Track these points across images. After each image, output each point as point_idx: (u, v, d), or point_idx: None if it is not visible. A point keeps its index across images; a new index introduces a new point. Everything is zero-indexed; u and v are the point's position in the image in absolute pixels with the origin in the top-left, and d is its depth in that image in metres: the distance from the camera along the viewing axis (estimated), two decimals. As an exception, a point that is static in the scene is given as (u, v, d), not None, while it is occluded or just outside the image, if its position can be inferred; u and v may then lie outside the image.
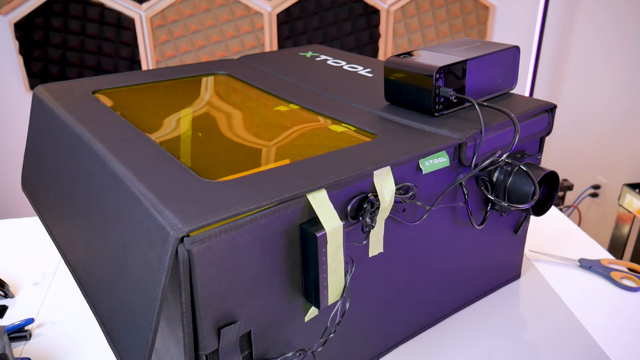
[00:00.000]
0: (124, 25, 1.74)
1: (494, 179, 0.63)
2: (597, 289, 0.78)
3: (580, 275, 0.81)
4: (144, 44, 1.77)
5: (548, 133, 0.69)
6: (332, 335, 0.52)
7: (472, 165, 0.60)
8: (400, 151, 0.54)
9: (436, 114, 0.62)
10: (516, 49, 0.68)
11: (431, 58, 0.63)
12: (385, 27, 1.90)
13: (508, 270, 0.78)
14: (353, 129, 0.62)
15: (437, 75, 0.60)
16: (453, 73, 0.62)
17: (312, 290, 0.49)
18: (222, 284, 0.43)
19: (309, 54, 0.95)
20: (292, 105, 0.70)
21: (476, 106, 0.59)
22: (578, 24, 2.02)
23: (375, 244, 0.55)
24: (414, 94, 0.63)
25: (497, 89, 0.69)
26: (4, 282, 0.77)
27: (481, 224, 0.66)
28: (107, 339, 0.51)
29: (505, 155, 0.60)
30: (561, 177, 2.24)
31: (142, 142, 0.56)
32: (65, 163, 0.63)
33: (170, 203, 0.43)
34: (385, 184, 0.51)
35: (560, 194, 2.15)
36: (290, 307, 0.50)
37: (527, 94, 2.03)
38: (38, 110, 0.73)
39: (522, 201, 0.61)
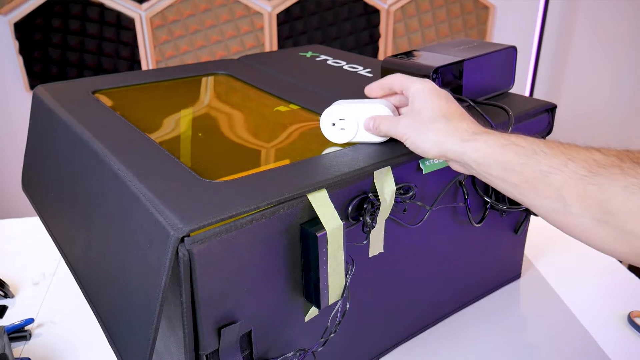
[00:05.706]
0: (124, 25, 1.74)
1: (494, 179, 0.63)
2: (597, 288, 0.78)
3: (580, 275, 0.81)
4: (144, 44, 1.77)
5: (548, 133, 0.68)
6: (332, 335, 0.52)
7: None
8: (401, 151, 0.53)
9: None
10: (513, 49, 0.68)
11: (428, 58, 0.63)
12: (385, 27, 1.90)
13: (508, 270, 0.78)
14: (353, 129, 0.62)
15: (434, 76, 0.60)
16: (450, 73, 0.62)
17: (312, 290, 0.49)
18: (223, 284, 0.43)
19: (309, 54, 0.95)
20: (292, 105, 0.70)
21: (474, 105, 0.59)
22: (578, 24, 2.02)
23: (376, 244, 0.55)
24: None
25: (495, 89, 0.69)
26: (4, 282, 0.77)
27: (480, 221, 0.66)
28: (107, 338, 0.51)
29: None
30: (561, 177, 2.23)
31: (142, 142, 0.56)
32: (66, 163, 0.63)
33: (170, 203, 0.43)
34: (385, 183, 0.51)
35: (560, 193, 2.15)
36: (291, 307, 0.50)
37: (527, 94, 2.03)
38: (38, 110, 0.73)
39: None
